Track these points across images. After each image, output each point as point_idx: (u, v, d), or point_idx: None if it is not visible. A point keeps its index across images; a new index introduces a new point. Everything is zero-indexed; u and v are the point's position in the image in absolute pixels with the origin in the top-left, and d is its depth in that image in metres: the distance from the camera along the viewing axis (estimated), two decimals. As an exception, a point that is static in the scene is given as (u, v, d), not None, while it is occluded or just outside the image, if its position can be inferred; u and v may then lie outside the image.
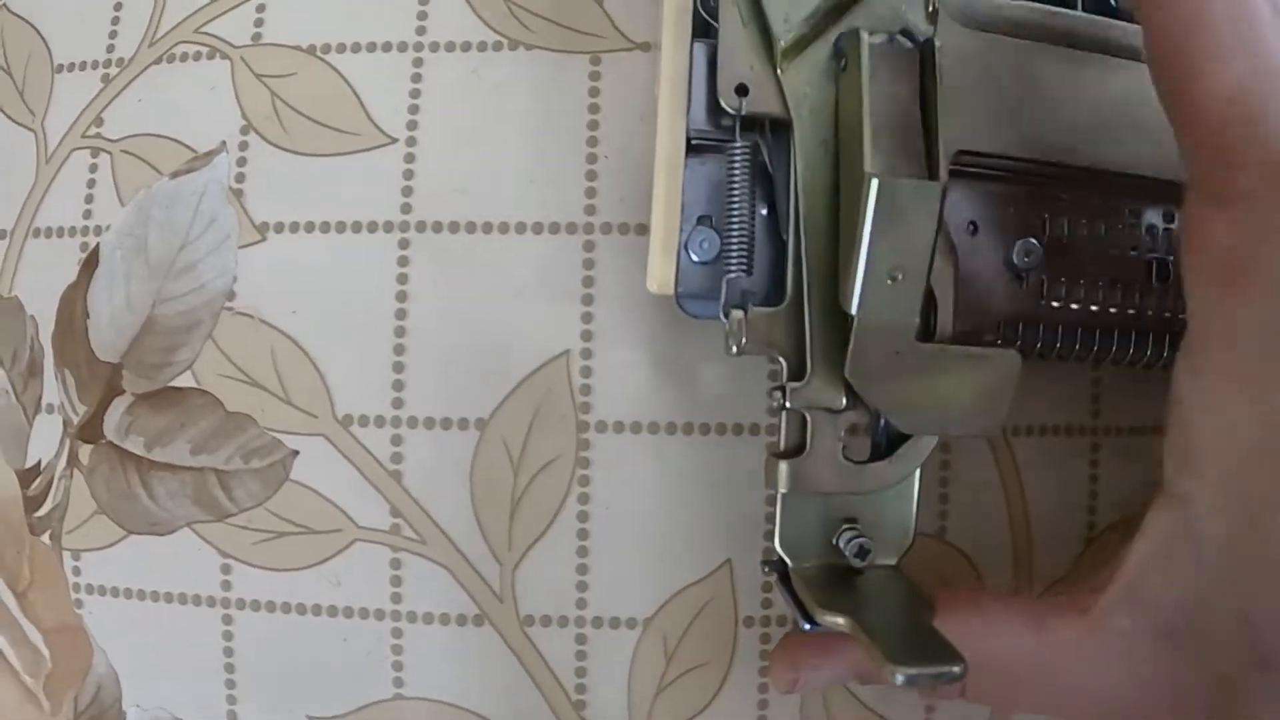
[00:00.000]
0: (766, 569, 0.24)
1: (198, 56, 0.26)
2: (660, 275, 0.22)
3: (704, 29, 0.23)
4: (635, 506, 0.24)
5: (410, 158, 0.25)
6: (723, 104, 0.22)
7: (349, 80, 0.25)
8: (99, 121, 0.26)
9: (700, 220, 0.23)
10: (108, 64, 0.27)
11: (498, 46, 0.25)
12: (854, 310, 0.20)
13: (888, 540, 0.22)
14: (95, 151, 0.26)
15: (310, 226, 0.25)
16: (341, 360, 0.24)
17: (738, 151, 0.22)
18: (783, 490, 0.21)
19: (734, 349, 0.21)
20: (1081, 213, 0.24)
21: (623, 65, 0.25)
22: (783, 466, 0.21)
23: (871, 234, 0.19)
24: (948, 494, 0.25)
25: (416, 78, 0.25)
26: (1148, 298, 0.25)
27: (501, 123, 0.25)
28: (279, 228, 0.25)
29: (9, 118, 0.27)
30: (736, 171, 0.22)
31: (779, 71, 0.21)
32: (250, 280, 0.25)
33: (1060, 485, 0.25)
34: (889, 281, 0.20)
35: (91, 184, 0.26)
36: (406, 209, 0.24)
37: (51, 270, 0.26)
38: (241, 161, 0.25)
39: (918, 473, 0.22)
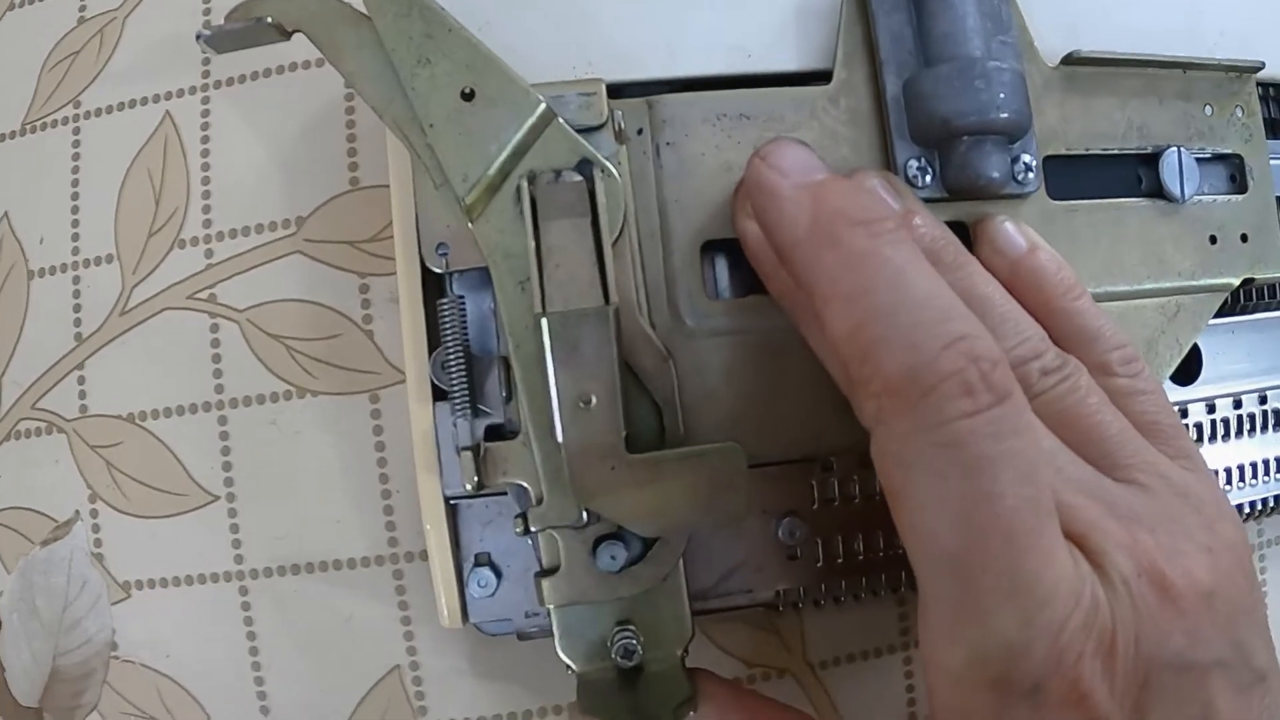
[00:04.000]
0: (570, 670, 0.25)
1: (38, 432, 0.29)
2: (449, 613, 0.25)
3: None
4: (484, 785, 0.27)
5: (233, 512, 0.27)
6: (427, 264, 0.23)
7: (167, 444, 0.28)
8: (-27, 497, 0.30)
9: (479, 558, 0.25)
10: (-32, 442, 0.30)
11: (288, 395, 0.27)
12: (559, 438, 0.22)
13: (666, 636, 0.23)
14: (-23, 525, 0.30)
15: (164, 582, 0.28)
16: (215, 693, 0.28)
17: (445, 306, 0.23)
18: (549, 605, 0.23)
19: (466, 485, 0.23)
20: (852, 469, 0.25)
21: (399, 398, 0.27)
22: (545, 584, 0.23)
23: (554, 367, 0.21)
24: (763, 728, 0.27)
25: (224, 435, 0.27)
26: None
27: (305, 470, 0.27)
28: (139, 585, 0.28)
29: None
30: (447, 323, 0.23)
31: (470, 225, 0.23)
32: (127, 632, 0.28)
33: (878, 705, 0.27)
34: (582, 405, 0.21)
35: (-19, 554, 0.30)
36: (239, 559, 0.27)
37: (-31, 631, 0.30)
38: (96, 528, 0.28)
39: (681, 565, 0.24)
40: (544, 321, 0.21)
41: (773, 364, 0.24)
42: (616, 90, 0.24)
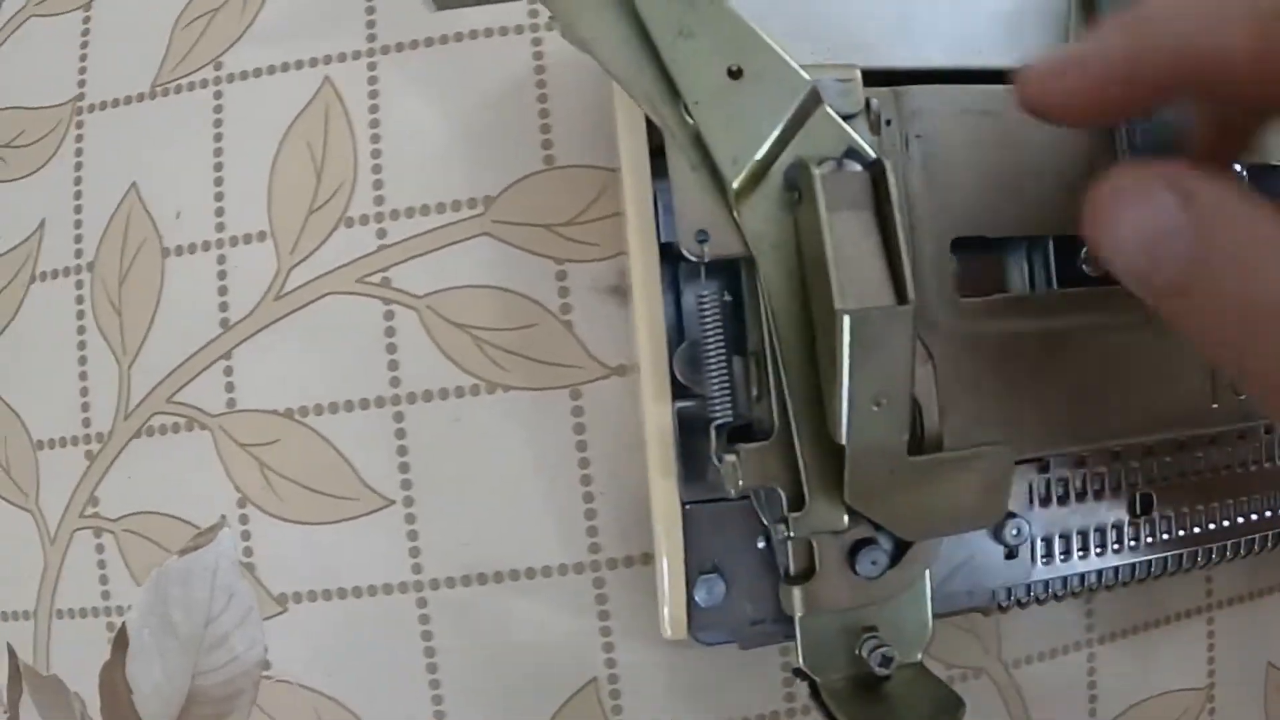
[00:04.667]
0: (799, 679, 0.24)
1: (176, 428, 0.26)
2: (674, 624, 0.23)
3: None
4: (678, 802, 0.26)
5: (411, 518, 0.25)
6: (684, 252, 0.21)
7: (333, 443, 0.25)
8: (94, 501, 0.26)
9: (704, 570, 0.24)
10: (87, 439, 0.26)
11: (475, 390, 0.25)
12: (844, 441, 0.21)
13: (909, 640, 0.23)
14: (98, 532, 0.26)
15: (328, 594, 0.25)
16: (384, 713, 0.26)
17: (706, 300, 0.22)
18: (799, 615, 0.22)
19: (732, 491, 0.22)
20: (1067, 469, 0.25)
21: (602, 394, 0.25)
22: (796, 592, 0.22)
23: (851, 367, 0.20)
24: (960, 732, 0.27)
25: (400, 433, 0.25)
26: (1137, 527, 0.26)
27: (493, 471, 0.25)
28: (298, 598, 0.25)
29: (3, 499, 0.27)
30: (708, 320, 0.22)
31: (735, 212, 0.21)
32: (282, 649, 0.26)
33: (1063, 701, 0.27)
34: (874, 408, 0.20)
35: (102, 564, 0.26)
36: (417, 569, 0.25)
37: (84, 649, 0.27)
38: (246, 535, 0.26)
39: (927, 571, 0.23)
40: (845, 319, 0.20)
41: (1012, 365, 0.24)
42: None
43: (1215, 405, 0.26)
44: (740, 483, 0.22)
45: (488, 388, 0.25)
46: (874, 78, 0.24)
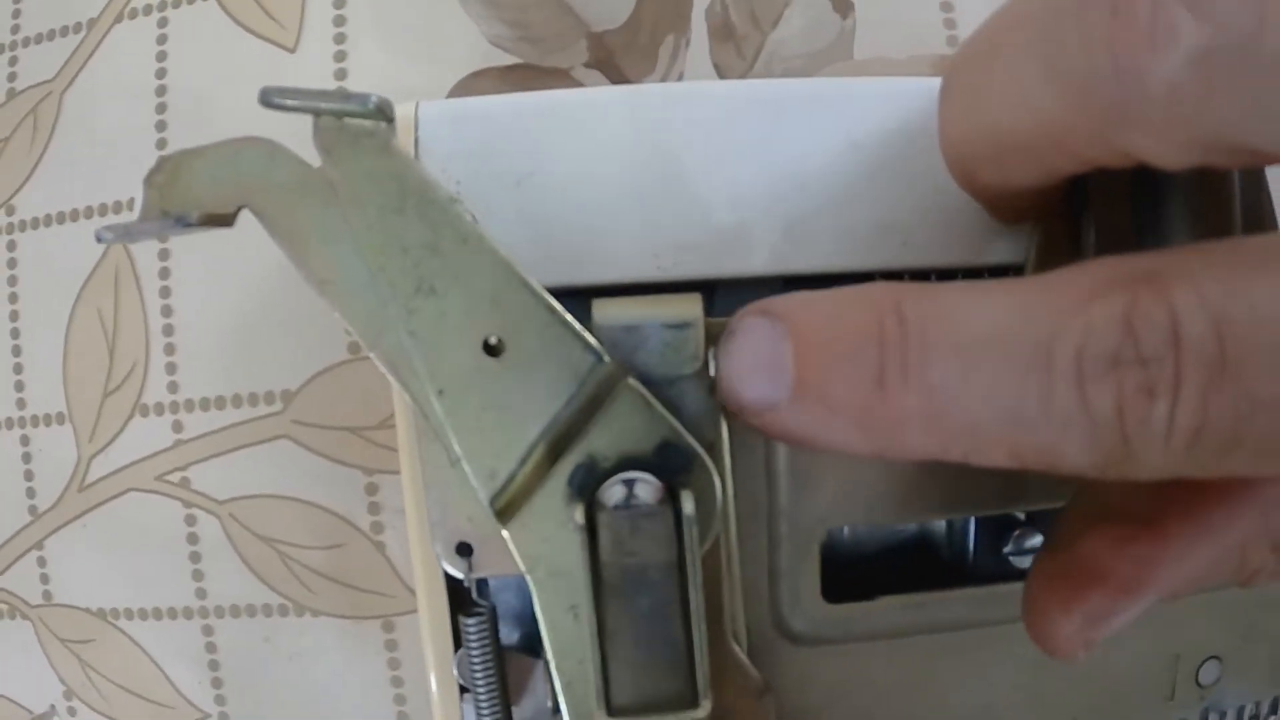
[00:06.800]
0: None
1: (0, 614, 0.24)
2: None
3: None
4: None
5: (227, 734, 0.23)
6: (444, 566, 0.17)
7: (145, 650, 0.23)
8: (-60, 669, 0.26)
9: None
10: (-73, 608, 0.25)
11: (284, 611, 0.22)
12: None
13: None
14: (-54, 701, 0.26)
15: (155, 796, 0.24)
16: None
17: (472, 628, 0.18)
18: None
19: None
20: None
21: (417, 627, 0.21)
22: None
23: None
24: None
25: (211, 646, 0.22)
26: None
27: (308, 698, 0.22)
28: (128, 794, 0.24)
29: None
30: (473, 642, 0.18)
31: (503, 530, 0.16)
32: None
33: None
34: None
35: (-46, 731, 0.26)
36: (239, 786, 0.23)
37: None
38: (74, 727, 0.24)
39: None
40: None
41: (891, 675, 0.18)
42: (712, 289, 0.17)
43: (1171, 700, 0.20)
44: None
45: (296, 610, 0.22)
46: (752, 288, 0.18)
